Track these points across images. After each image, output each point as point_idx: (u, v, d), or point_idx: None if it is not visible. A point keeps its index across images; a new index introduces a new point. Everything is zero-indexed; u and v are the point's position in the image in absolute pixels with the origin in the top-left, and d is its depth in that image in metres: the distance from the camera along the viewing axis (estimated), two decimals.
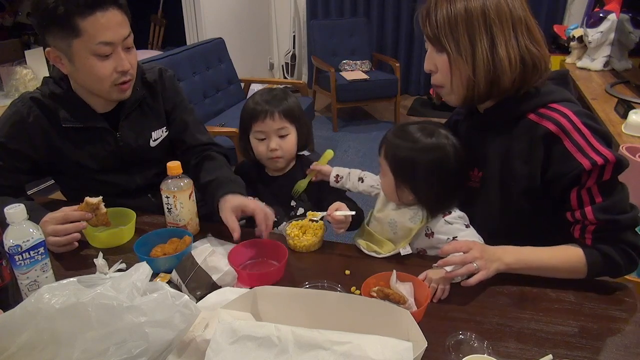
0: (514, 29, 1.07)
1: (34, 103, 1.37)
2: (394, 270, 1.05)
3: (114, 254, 1.22)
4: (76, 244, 1.25)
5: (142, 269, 0.86)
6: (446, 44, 1.09)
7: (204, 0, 4.24)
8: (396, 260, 1.19)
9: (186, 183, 1.29)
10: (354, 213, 1.26)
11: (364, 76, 4.53)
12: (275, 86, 1.64)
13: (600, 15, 3.09)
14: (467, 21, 1.06)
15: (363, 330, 0.82)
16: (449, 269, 1.03)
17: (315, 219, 1.29)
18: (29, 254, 1.01)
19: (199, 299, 1.02)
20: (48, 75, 1.40)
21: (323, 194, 1.48)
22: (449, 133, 1.19)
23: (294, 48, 5.63)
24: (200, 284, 1.06)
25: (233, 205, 1.26)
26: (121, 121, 1.44)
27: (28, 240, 1.00)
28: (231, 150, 2.94)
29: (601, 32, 3.09)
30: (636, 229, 1.07)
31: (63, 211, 1.23)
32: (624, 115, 2.26)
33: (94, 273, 1.11)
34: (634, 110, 2.20)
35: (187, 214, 1.31)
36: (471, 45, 1.07)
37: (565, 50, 3.65)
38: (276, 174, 1.53)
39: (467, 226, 1.18)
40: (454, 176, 1.17)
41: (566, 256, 1.08)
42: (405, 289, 1.04)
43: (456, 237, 1.16)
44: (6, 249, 0.99)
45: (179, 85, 1.59)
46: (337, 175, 1.41)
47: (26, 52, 3.28)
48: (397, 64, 4.66)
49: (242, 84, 3.96)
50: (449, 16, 1.07)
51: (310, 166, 1.43)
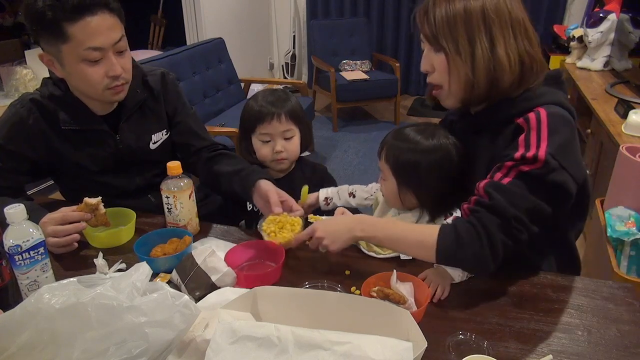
0: (513, 29, 1.06)
1: (33, 105, 1.36)
2: (394, 270, 1.05)
3: (114, 254, 1.22)
4: (76, 244, 1.25)
5: (142, 269, 0.86)
6: (444, 44, 1.07)
7: (204, 0, 4.24)
8: (396, 261, 1.19)
9: (186, 183, 1.29)
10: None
11: (364, 76, 4.53)
12: (275, 86, 1.65)
13: (600, 15, 3.08)
14: (466, 21, 1.05)
15: (363, 330, 0.82)
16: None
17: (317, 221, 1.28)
18: (29, 254, 1.01)
19: (198, 299, 1.02)
20: (48, 75, 1.40)
21: (316, 185, 1.49)
22: (448, 133, 1.19)
23: (294, 48, 5.63)
24: (199, 285, 1.06)
25: (277, 190, 1.32)
26: (121, 123, 1.43)
27: (28, 240, 1.00)
28: (231, 150, 2.94)
29: (601, 32, 3.09)
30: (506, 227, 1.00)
31: (62, 212, 1.23)
32: (624, 115, 2.26)
33: (94, 273, 1.11)
34: (634, 110, 2.20)
35: (187, 214, 1.31)
36: (470, 45, 1.06)
37: (565, 50, 3.65)
38: (276, 176, 1.53)
39: None
40: (456, 176, 1.17)
41: (422, 230, 1.08)
42: (405, 289, 1.04)
43: None
44: (6, 249, 0.99)
45: (180, 89, 1.58)
46: (326, 197, 1.41)
47: (26, 52, 3.28)
48: (397, 64, 4.65)
49: (242, 84, 3.96)
50: (447, 15, 1.06)
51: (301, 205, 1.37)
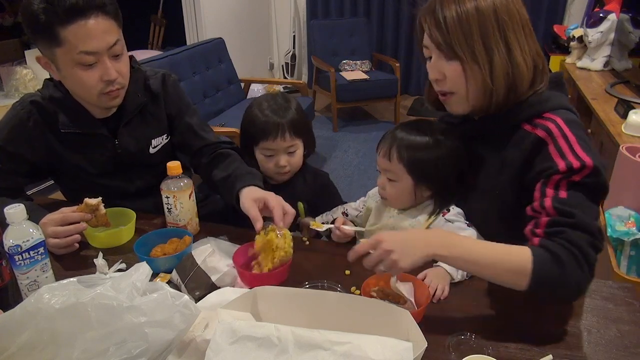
0: (524, 31, 1.03)
1: (33, 107, 1.36)
2: None
3: (114, 254, 1.22)
4: (77, 245, 1.25)
5: (142, 269, 0.86)
6: (460, 52, 1.02)
7: (204, 0, 4.24)
8: None
9: (186, 183, 1.29)
10: (363, 230, 1.27)
11: (364, 76, 4.54)
12: (274, 87, 1.64)
13: (600, 15, 3.08)
14: (480, 24, 1.01)
15: (363, 330, 0.82)
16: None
17: (320, 230, 1.28)
18: (29, 254, 1.01)
19: (197, 299, 1.02)
20: (48, 75, 1.40)
21: (320, 201, 1.49)
22: (442, 124, 1.22)
23: (294, 48, 5.63)
24: (199, 285, 1.06)
25: (255, 197, 1.22)
26: (120, 128, 1.42)
27: (28, 240, 1.00)
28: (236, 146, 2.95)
29: (601, 32, 3.09)
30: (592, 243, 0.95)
31: (62, 212, 1.23)
32: (624, 115, 2.25)
33: (94, 273, 1.11)
34: (634, 110, 2.20)
35: (187, 214, 1.31)
36: (487, 52, 1.02)
37: (565, 50, 3.65)
38: (277, 183, 1.52)
39: (469, 225, 1.18)
40: (463, 161, 1.18)
41: (510, 251, 0.94)
42: (405, 289, 1.04)
43: None
44: (6, 249, 0.99)
45: (182, 90, 1.56)
46: (323, 223, 1.34)
47: (26, 52, 3.29)
48: (397, 64, 4.66)
49: (242, 84, 3.96)
50: (460, 20, 1.01)
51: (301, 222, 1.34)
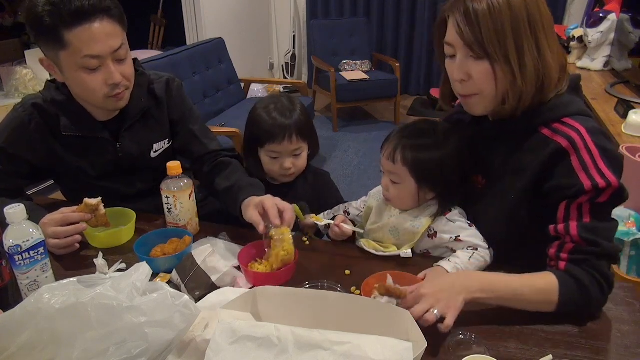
0: (551, 31, 1.01)
1: (35, 109, 1.35)
2: (388, 275, 1.05)
3: (114, 254, 1.22)
4: (77, 245, 1.25)
5: (142, 269, 0.86)
6: (492, 50, 0.98)
7: (204, 0, 4.24)
8: (397, 260, 1.19)
9: (186, 183, 1.29)
10: (362, 232, 1.28)
11: (364, 76, 4.53)
12: (275, 87, 1.63)
13: (600, 15, 3.08)
14: (512, 21, 0.97)
15: (363, 330, 0.82)
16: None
17: (320, 224, 1.28)
18: (29, 254, 1.01)
19: (197, 299, 1.02)
20: (48, 76, 1.39)
21: (321, 200, 1.49)
22: (446, 123, 1.21)
23: (294, 48, 5.63)
24: (199, 285, 1.06)
25: (254, 203, 1.23)
26: (123, 131, 1.42)
27: (28, 240, 1.00)
28: (237, 153, 2.94)
29: (601, 32, 3.09)
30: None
31: (62, 212, 1.23)
32: (624, 115, 2.25)
33: (94, 273, 1.11)
34: (634, 110, 2.20)
35: (187, 214, 1.31)
36: (517, 50, 0.98)
37: (565, 50, 3.65)
38: (277, 183, 1.52)
39: (470, 225, 1.18)
40: (467, 163, 1.18)
41: (537, 283, 0.99)
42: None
43: (459, 236, 1.16)
44: (6, 249, 0.99)
45: (186, 95, 1.55)
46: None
47: (26, 52, 3.29)
48: (397, 64, 4.66)
49: (242, 84, 3.96)
50: (492, 16, 0.97)
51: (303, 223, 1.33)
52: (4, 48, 3.52)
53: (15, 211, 0.98)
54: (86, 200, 1.23)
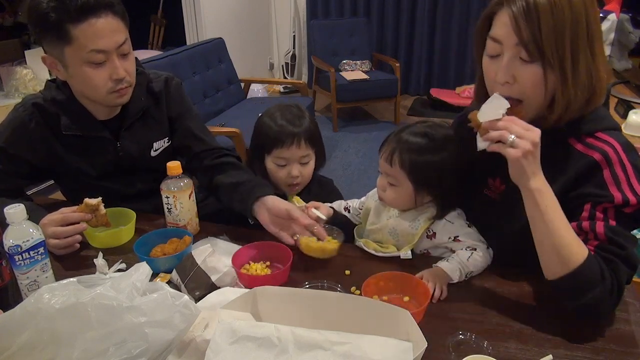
0: (602, 39, 0.96)
1: (35, 109, 1.35)
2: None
3: (114, 254, 1.22)
4: (77, 245, 1.25)
5: (142, 269, 0.86)
6: (549, 54, 0.91)
7: (204, 0, 4.24)
8: (396, 260, 1.19)
9: (186, 183, 1.29)
10: (325, 219, 1.28)
11: (364, 76, 4.54)
12: (275, 87, 1.63)
13: (600, 15, 3.08)
14: (573, 25, 0.91)
15: (363, 330, 0.82)
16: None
17: (299, 205, 1.32)
18: (29, 254, 1.01)
19: (197, 299, 1.02)
20: (48, 75, 1.40)
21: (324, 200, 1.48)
22: (444, 124, 1.20)
23: (294, 48, 5.63)
24: (199, 285, 1.06)
25: (275, 211, 1.25)
26: (123, 131, 1.42)
27: (28, 241, 1.00)
28: (235, 153, 2.94)
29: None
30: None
31: (62, 212, 1.23)
32: (624, 115, 2.26)
33: (94, 273, 1.11)
34: (634, 110, 2.20)
35: (187, 214, 1.31)
36: (573, 56, 0.92)
37: None
38: (280, 193, 1.46)
39: (469, 225, 1.18)
40: (465, 163, 1.17)
41: (576, 237, 0.94)
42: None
43: (458, 236, 1.16)
44: (6, 249, 0.99)
45: (185, 94, 1.56)
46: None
47: (26, 52, 3.29)
48: (397, 64, 4.66)
49: (242, 84, 3.96)
50: (555, 16, 0.90)
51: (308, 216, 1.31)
52: (4, 48, 3.52)
53: (15, 211, 0.98)
54: (86, 200, 1.23)
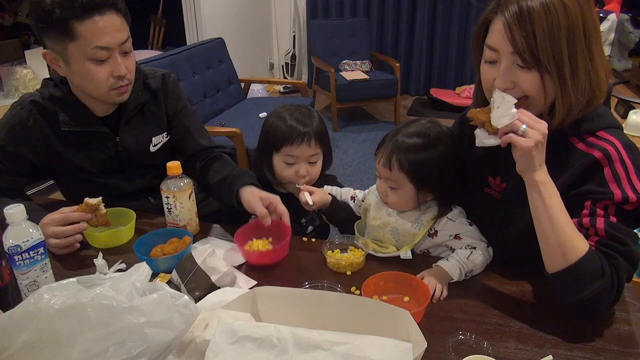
0: (600, 40, 0.96)
1: (33, 106, 1.36)
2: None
3: (113, 254, 1.22)
4: (78, 245, 1.25)
5: (142, 269, 0.86)
6: (545, 61, 0.91)
7: (204, 0, 4.24)
8: (396, 261, 1.19)
9: (186, 183, 1.29)
10: (311, 204, 1.30)
11: (364, 76, 4.53)
12: (275, 87, 1.63)
13: (600, 15, 3.08)
14: (569, 30, 0.90)
15: (363, 330, 0.82)
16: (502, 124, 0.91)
17: (299, 185, 1.34)
18: (29, 254, 1.01)
19: (197, 299, 1.02)
20: (48, 75, 1.40)
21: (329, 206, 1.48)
22: (436, 120, 1.20)
23: (294, 48, 5.63)
24: (199, 285, 1.06)
25: (260, 195, 1.28)
26: (121, 126, 1.43)
27: (28, 241, 1.00)
28: (231, 151, 2.94)
29: (601, 32, 3.09)
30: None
31: (62, 212, 1.23)
32: (624, 115, 2.26)
33: (94, 273, 1.11)
34: (634, 110, 2.20)
35: (187, 214, 1.31)
36: (571, 62, 0.92)
37: None
38: (282, 190, 1.47)
39: (470, 224, 1.18)
40: (461, 158, 1.18)
41: (577, 232, 0.94)
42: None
43: (458, 234, 1.16)
44: (6, 249, 0.99)
45: (181, 90, 1.57)
46: (329, 194, 1.37)
47: (26, 52, 3.28)
48: (397, 64, 4.65)
49: (242, 84, 3.96)
50: (549, 23, 0.89)
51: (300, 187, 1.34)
52: (4, 48, 3.52)
53: (15, 211, 0.98)
54: (86, 200, 1.23)
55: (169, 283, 1.10)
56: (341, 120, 4.73)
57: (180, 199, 1.28)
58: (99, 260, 1.13)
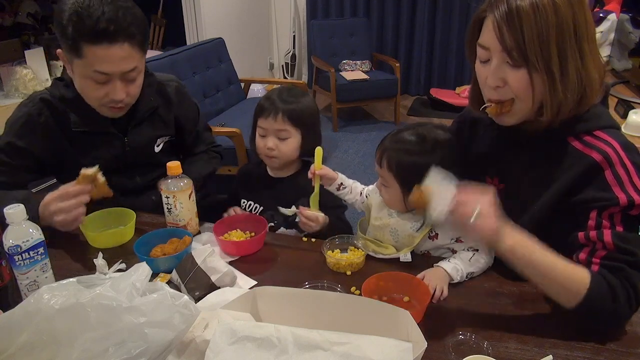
0: (594, 39, 0.95)
1: (44, 104, 1.39)
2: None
3: (113, 254, 1.22)
4: (83, 219, 1.24)
5: (142, 269, 0.86)
6: (534, 59, 0.91)
7: (204, 0, 4.24)
8: (397, 261, 1.19)
9: (186, 183, 1.29)
10: (323, 215, 1.32)
11: (364, 76, 4.53)
12: (275, 87, 1.65)
13: (600, 15, 3.08)
14: (558, 30, 0.90)
15: (363, 330, 0.82)
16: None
17: (287, 213, 1.33)
18: (29, 254, 1.01)
19: (197, 299, 1.02)
20: (48, 75, 1.42)
21: (323, 197, 1.48)
22: (442, 128, 1.19)
23: (294, 48, 5.63)
24: (199, 285, 1.06)
25: None
26: (131, 128, 1.46)
27: (27, 241, 1.00)
28: (231, 150, 2.94)
29: (601, 32, 3.09)
30: None
31: (62, 189, 1.23)
32: (624, 115, 2.26)
33: (94, 273, 1.11)
34: (633, 110, 2.20)
35: (187, 214, 1.31)
36: (560, 61, 0.92)
37: None
38: (279, 176, 1.52)
39: None
40: (457, 170, 1.16)
41: (571, 268, 0.94)
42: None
43: (460, 237, 1.16)
44: (6, 249, 0.99)
45: (193, 101, 1.64)
46: (341, 184, 1.35)
47: (26, 52, 3.27)
48: (397, 64, 4.65)
49: (242, 84, 3.96)
50: (538, 22, 0.90)
51: (311, 169, 1.33)
52: (4, 48, 3.52)
53: (15, 211, 0.98)
54: (83, 170, 1.23)
55: (169, 283, 1.10)
56: (341, 120, 4.72)
57: (180, 199, 1.28)
58: (99, 260, 1.13)
